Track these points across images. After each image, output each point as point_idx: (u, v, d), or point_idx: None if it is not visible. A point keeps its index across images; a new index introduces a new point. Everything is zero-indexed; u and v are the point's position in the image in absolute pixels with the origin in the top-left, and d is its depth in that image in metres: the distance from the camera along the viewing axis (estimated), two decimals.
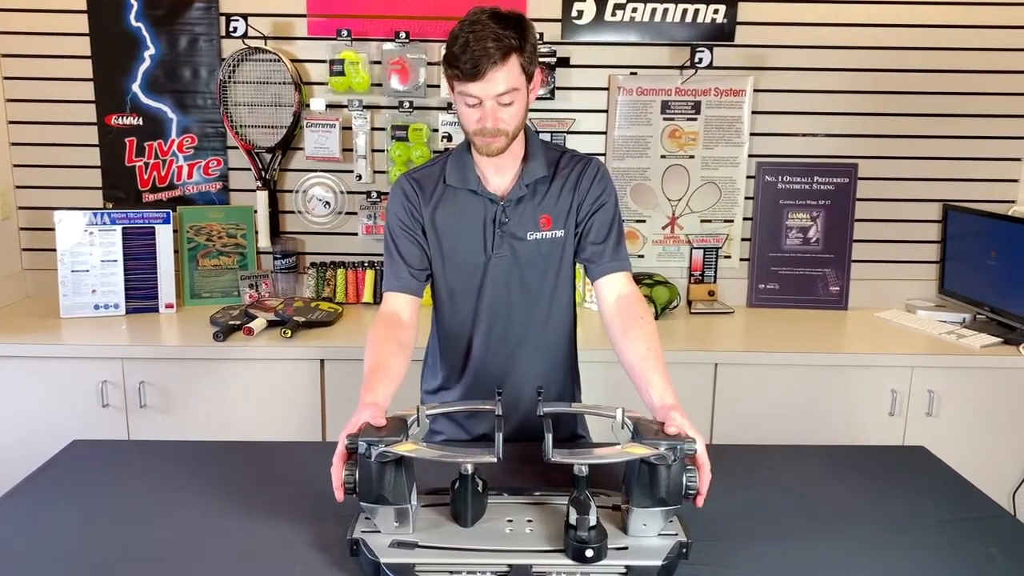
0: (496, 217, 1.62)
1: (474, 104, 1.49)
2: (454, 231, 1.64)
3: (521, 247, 1.63)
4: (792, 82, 2.87)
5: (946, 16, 2.82)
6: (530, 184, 1.62)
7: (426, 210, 1.64)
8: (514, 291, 1.66)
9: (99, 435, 1.83)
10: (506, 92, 1.47)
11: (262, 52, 2.79)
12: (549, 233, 1.64)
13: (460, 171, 1.63)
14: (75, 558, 1.27)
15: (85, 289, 2.67)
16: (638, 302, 1.59)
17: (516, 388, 1.68)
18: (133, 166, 2.89)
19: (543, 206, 1.63)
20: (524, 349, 1.70)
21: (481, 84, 1.45)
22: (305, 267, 2.94)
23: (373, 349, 1.50)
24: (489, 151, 1.53)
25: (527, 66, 1.49)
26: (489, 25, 1.44)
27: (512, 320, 1.68)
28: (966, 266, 2.86)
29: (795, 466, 1.64)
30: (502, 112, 1.49)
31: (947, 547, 1.33)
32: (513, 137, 1.54)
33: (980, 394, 2.48)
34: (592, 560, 1.19)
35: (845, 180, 2.92)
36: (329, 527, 1.32)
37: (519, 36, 1.46)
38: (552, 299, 1.68)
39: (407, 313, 1.62)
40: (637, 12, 2.81)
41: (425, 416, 1.34)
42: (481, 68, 1.43)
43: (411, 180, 1.66)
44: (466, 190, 1.63)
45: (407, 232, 1.64)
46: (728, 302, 2.97)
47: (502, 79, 1.45)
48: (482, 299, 1.66)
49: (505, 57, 1.44)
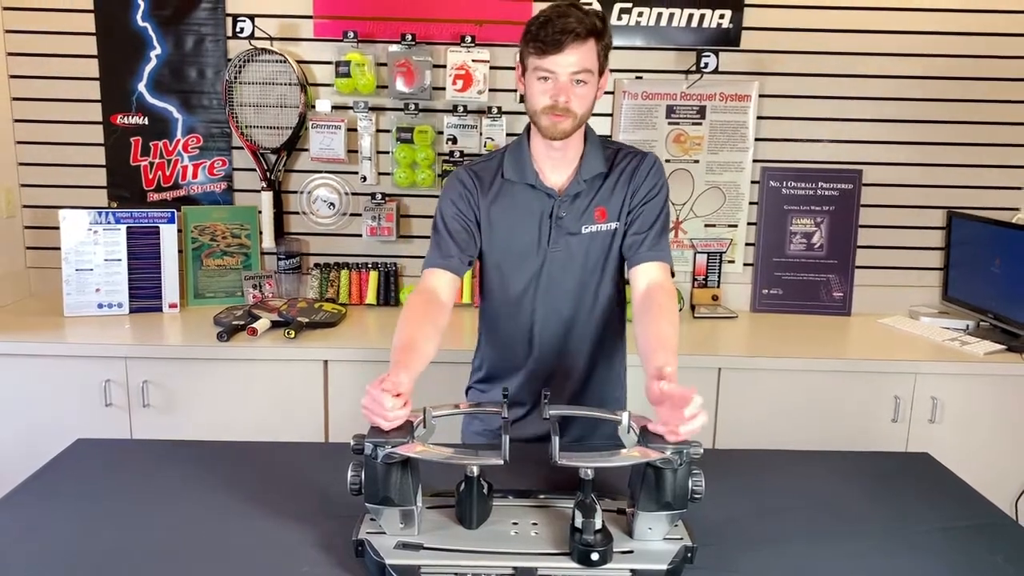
0: (553, 212, 1.63)
1: (549, 78, 1.51)
2: (510, 225, 1.66)
3: (576, 241, 1.65)
4: (797, 88, 2.87)
5: (952, 23, 2.82)
6: (588, 180, 1.63)
7: (484, 203, 1.65)
8: (568, 283, 1.67)
9: (102, 434, 1.82)
10: (581, 71, 1.50)
11: (268, 53, 2.79)
12: (604, 225, 1.65)
13: (518, 165, 1.64)
14: (78, 557, 1.27)
15: (89, 288, 2.67)
16: (663, 292, 1.59)
17: (563, 381, 1.73)
18: (138, 165, 2.89)
19: (599, 200, 1.65)
20: (571, 341, 1.72)
21: (560, 57, 1.48)
22: (309, 268, 2.95)
23: (409, 327, 1.48)
24: (555, 132, 1.54)
25: (602, 55, 1.53)
26: (574, 8, 1.50)
27: (563, 311, 1.69)
28: (970, 273, 2.85)
29: (798, 472, 1.64)
30: (575, 90, 1.51)
31: (951, 554, 1.32)
32: (579, 124, 1.57)
33: (984, 401, 2.47)
34: (597, 564, 1.19)
35: (850, 186, 2.93)
36: (334, 528, 1.32)
37: (602, 21, 1.51)
38: (599, 288, 1.70)
39: (447, 292, 1.62)
40: (643, 16, 2.81)
41: (432, 418, 1.34)
42: (562, 41, 1.47)
43: (471, 172, 1.68)
44: (524, 184, 1.64)
45: (461, 217, 1.65)
46: (731, 307, 2.97)
47: (581, 56, 1.49)
48: (537, 292, 1.68)
49: (587, 36, 1.49)
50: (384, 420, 1.25)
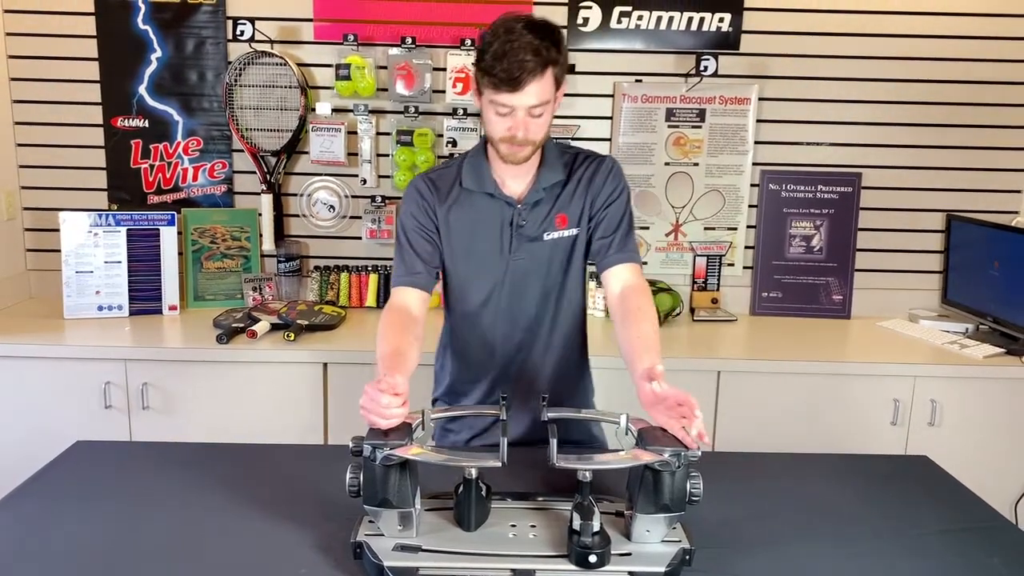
0: (513, 220, 1.63)
1: (506, 113, 1.49)
2: (470, 233, 1.65)
3: (538, 248, 1.64)
4: (797, 91, 2.88)
5: (952, 27, 2.83)
6: (547, 188, 1.63)
7: (441, 211, 1.65)
8: (530, 291, 1.67)
9: (102, 436, 1.82)
10: (539, 104, 1.48)
11: (268, 56, 2.79)
12: (565, 232, 1.65)
13: (477, 174, 1.64)
14: (78, 558, 1.27)
15: (89, 290, 2.67)
16: (639, 292, 1.59)
17: (527, 389, 1.70)
18: (138, 168, 2.89)
19: (559, 206, 1.64)
20: (535, 348, 1.71)
21: (517, 96, 1.46)
22: (309, 270, 2.95)
23: (390, 337, 1.49)
24: (515, 159, 1.54)
25: (559, 77, 1.51)
26: (525, 35, 1.44)
27: (524, 319, 1.69)
28: (969, 276, 2.86)
29: (797, 474, 1.64)
30: (532, 123, 1.50)
31: (949, 556, 1.32)
32: (539, 147, 1.57)
33: (983, 404, 2.47)
34: (595, 566, 1.19)
35: (849, 189, 2.93)
36: (332, 530, 1.33)
37: (556, 48, 1.47)
38: (561, 295, 1.69)
39: (417, 308, 1.62)
40: (643, 20, 2.82)
41: (430, 420, 1.34)
42: (518, 77, 1.43)
43: (427, 180, 1.67)
44: (482, 193, 1.63)
45: (421, 230, 1.65)
46: (731, 310, 2.98)
47: (537, 92, 1.46)
48: (500, 301, 1.67)
49: (543, 70, 1.45)
50: (382, 419, 1.25)
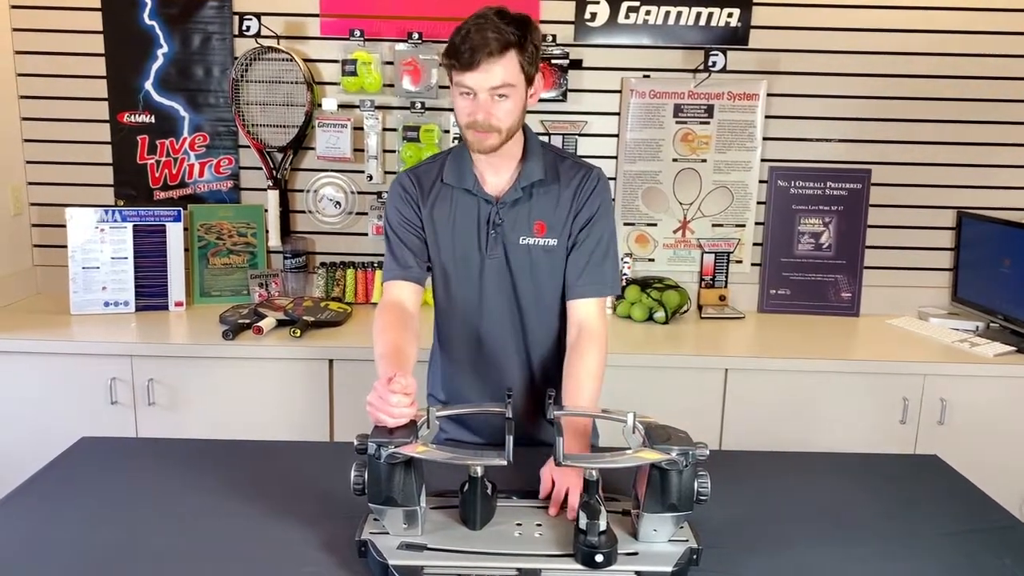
0: (490, 218, 1.61)
1: (468, 94, 1.48)
2: (451, 229, 1.64)
3: (513, 250, 1.62)
4: (806, 87, 2.86)
5: (962, 22, 2.80)
6: (526, 187, 1.60)
7: (424, 206, 1.64)
8: (506, 294, 1.65)
9: (107, 432, 1.82)
10: (501, 86, 1.46)
11: (275, 51, 2.79)
12: (542, 240, 1.61)
13: (458, 170, 1.63)
14: (83, 554, 1.27)
15: (95, 286, 2.67)
16: (590, 339, 1.58)
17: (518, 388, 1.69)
18: (145, 164, 2.89)
19: (538, 211, 1.61)
20: (520, 347, 1.69)
21: (476, 74, 1.45)
22: (315, 267, 2.94)
23: (388, 335, 1.49)
24: (480, 147, 1.52)
25: (526, 66, 1.48)
26: (492, 20, 1.45)
27: (508, 321, 1.67)
28: (980, 274, 2.83)
29: (805, 473, 1.63)
30: (495, 107, 1.48)
31: (960, 557, 1.31)
32: (507, 137, 1.53)
33: (993, 403, 2.45)
34: (602, 565, 1.19)
35: (858, 186, 2.91)
36: (337, 528, 1.32)
37: (520, 33, 1.46)
38: (541, 301, 1.66)
39: (411, 302, 1.62)
40: (650, 15, 2.80)
41: (435, 418, 1.33)
42: (477, 58, 1.43)
43: (411, 176, 1.67)
44: (462, 189, 1.62)
45: (407, 225, 1.65)
46: (739, 307, 2.96)
47: (498, 72, 1.45)
48: (481, 298, 1.66)
49: (503, 50, 1.44)
50: (389, 417, 1.25)
